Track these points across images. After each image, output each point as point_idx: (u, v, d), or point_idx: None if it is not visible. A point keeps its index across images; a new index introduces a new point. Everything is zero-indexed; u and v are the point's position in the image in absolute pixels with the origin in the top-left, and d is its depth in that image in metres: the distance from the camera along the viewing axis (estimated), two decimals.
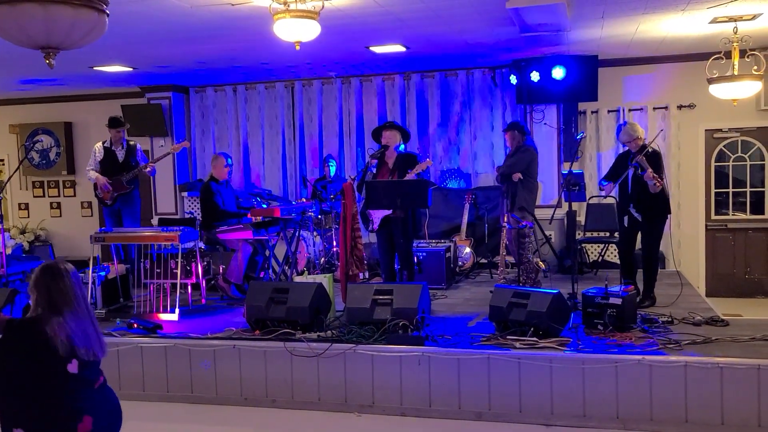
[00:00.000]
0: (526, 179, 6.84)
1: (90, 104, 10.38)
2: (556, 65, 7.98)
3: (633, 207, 6.07)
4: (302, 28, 4.77)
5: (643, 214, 6.01)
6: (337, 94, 9.42)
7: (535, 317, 4.98)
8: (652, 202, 5.93)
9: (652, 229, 6.07)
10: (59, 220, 10.81)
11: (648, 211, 6.00)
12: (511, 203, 6.87)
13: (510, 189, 6.89)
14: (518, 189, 6.81)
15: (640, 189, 5.93)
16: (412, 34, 6.80)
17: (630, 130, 6.04)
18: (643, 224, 6.06)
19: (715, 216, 8.67)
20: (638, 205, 6.03)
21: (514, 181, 6.80)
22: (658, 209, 6.00)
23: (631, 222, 6.13)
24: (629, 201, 6.10)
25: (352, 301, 5.43)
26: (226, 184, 7.30)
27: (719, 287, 8.59)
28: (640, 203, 6.01)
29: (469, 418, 4.80)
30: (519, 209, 6.80)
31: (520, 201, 6.81)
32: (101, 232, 6.56)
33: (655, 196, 5.86)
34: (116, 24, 5.82)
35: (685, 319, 5.48)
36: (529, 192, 6.89)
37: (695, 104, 8.44)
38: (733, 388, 4.38)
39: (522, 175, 6.81)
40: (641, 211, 6.02)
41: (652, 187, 5.75)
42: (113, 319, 6.07)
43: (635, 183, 5.99)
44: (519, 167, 6.85)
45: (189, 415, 5.15)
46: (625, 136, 6.07)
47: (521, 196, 6.80)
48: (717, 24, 6.45)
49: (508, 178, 6.91)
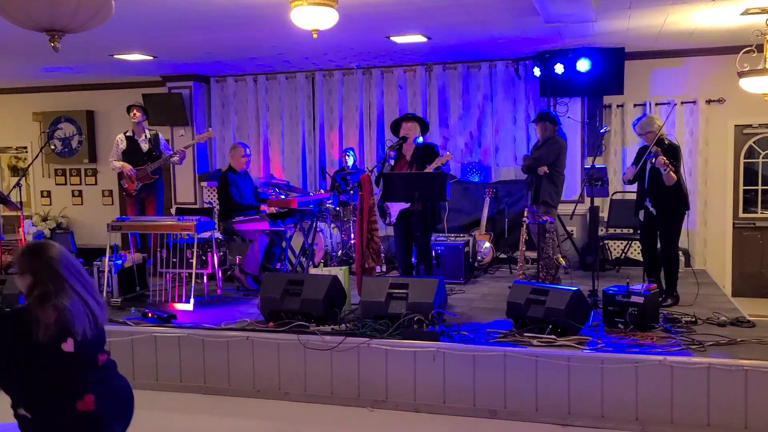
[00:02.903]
0: (553, 172, 6.70)
1: (112, 93, 10.40)
2: (581, 57, 7.82)
3: (649, 201, 5.96)
4: (320, 15, 4.67)
5: (659, 209, 5.91)
6: (358, 85, 9.33)
7: (553, 314, 4.87)
8: (668, 196, 5.82)
9: (669, 224, 5.94)
10: (80, 208, 10.87)
11: (664, 205, 5.89)
12: (534, 196, 6.73)
13: (535, 181, 6.76)
14: (543, 182, 6.68)
15: (656, 183, 5.84)
16: (434, 24, 6.68)
17: (645, 123, 5.98)
18: (660, 220, 5.94)
19: (743, 214, 8.44)
20: (654, 200, 5.93)
21: (540, 174, 6.66)
22: (675, 204, 5.87)
23: (647, 217, 6.02)
24: (645, 195, 6.01)
25: (367, 294, 5.36)
26: (244, 174, 7.25)
27: (745, 287, 8.37)
28: (656, 198, 5.90)
29: (483, 416, 4.71)
30: (542, 203, 6.67)
31: (543, 195, 6.68)
32: (118, 221, 6.55)
33: (671, 190, 5.76)
34: (134, 11, 5.83)
35: (710, 320, 5.33)
36: (554, 185, 6.75)
37: (725, 99, 8.21)
38: (758, 391, 4.23)
39: (548, 168, 6.67)
40: (657, 206, 5.92)
41: (666, 177, 5.65)
42: (129, 308, 6.06)
43: (651, 177, 5.90)
44: (546, 160, 6.72)
45: (201, 406, 5.12)
46: (639, 128, 6.02)
47: (545, 189, 6.67)
48: (749, 15, 6.24)
49: (534, 170, 6.77)
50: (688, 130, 8.34)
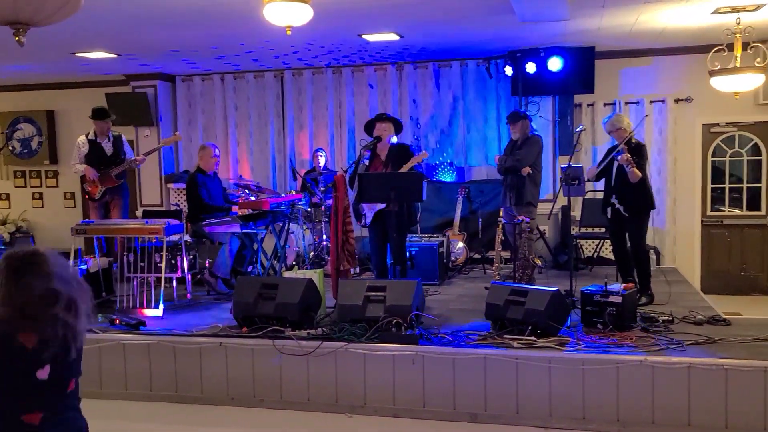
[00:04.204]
0: (534, 172, 6.65)
1: (73, 92, 10.08)
2: (552, 56, 7.82)
3: (616, 198, 6.03)
4: (294, 12, 4.54)
5: (626, 207, 5.96)
6: (328, 84, 9.21)
7: (533, 315, 4.82)
8: (635, 195, 5.90)
9: (636, 223, 6.00)
10: (41, 211, 10.52)
11: (630, 204, 5.95)
12: (517, 198, 6.63)
13: (515, 182, 6.66)
14: (526, 183, 6.60)
15: (623, 181, 5.91)
16: (407, 22, 6.59)
17: (614, 120, 6.04)
18: (627, 219, 6.00)
19: (710, 212, 8.54)
20: (621, 198, 5.99)
21: (523, 175, 6.58)
22: (640, 202, 5.95)
23: (615, 215, 6.07)
24: (612, 192, 6.07)
25: (344, 297, 5.24)
26: (213, 175, 7.08)
27: (714, 284, 8.46)
28: (623, 195, 5.97)
29: (463, 419, 4.64)
30: (527, 204, 6.58)
31: (527, 196, 6.60)
32: (83, 224, 6.33)
33: (636, 188, 5.85)
34: (96, 6, 5.61)
35: (686, 318, 5.34)
36: (536, 186, 6.71)
37: (693, 98, 8.30)
38: (738, 390, 4.23)
39: (530, 168, 6.61)
40: (623, 204, 5.98)
41: (630, 174, 5.74)
42: (95, 315, 5.83)
43: (619, 175, 5.96)
44: (529, 160, 6.65)
45: (173, 415, 4.96)
46: (609, 126, 6.07)
47: (529, 190, 6.61)
48: (719, 15, 6.29)
49: (516, 171, 6.65)
50: (657, 129, 8.41)
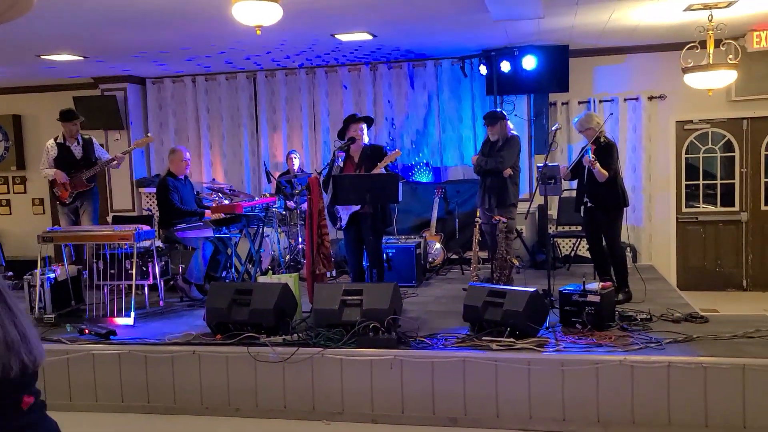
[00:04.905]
0: (514, 173, 6.59)
1: (40, 96, 9.85)
2: (527, 55, 7.80)
3: (587, 197, 6.04)
4: (263, 11, 4.44)
5: (597, 205, 5.98)
6: (302, 85, 9.10)
7: (511, 317, 4.76)
8: (606, 193, 5.91)
9: (608, 221, 6.01)
10: (9, 218, 10.27)
11: (601, 202, 5.96)
12: (498, 199, 6.52)
13: (496, 184, 6.53)
14: (507, 184, 6.52)
15: (593, 180, 5.92)
16: (380, 21, 6.51)
17: (584, 120, 6.03)
18: (600, 217, 6.00)
19: (685, 209, 8.58)
20: (591, 196, 6.01)
21: (504, 176, 6.50)
22: (610, 201, 5.95)
23: (588, 213, 6.08)
24: (584, 191, 6.08)
25: (320, 302, 5.14)
26: (184, 179, 6.94)
27: (690, 280, 8.50)
28: (593, 194, 5.98)
29: (444, 423, 4.57)
30: (510, 206, 6.51)
31: (510, 198, 6.52)
32: (50, 231, 6.15)
33: (607, 187, 5.86)
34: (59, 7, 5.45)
35: (664, 316, 5.32)
36: (515, 186, 6.64)
37: (666, 95, 8.33)
38: (717, 388, 4.22)
39: (511, 169, 6.54)
40: (594, 202, 5.99)
41: (597, 175, 5.78)
42: (64, 325, 5.68)
43: (590, 174, 5.96)
44: (510, 160, 6.54)
45: (146, 427, 4.83)
46: (579, 125, 6.06)
47: (511, 191, 6.53)
48: (691, 12, 6.30)
49: (498, 172, 6.51)
50: (631, 127, 8.43)
